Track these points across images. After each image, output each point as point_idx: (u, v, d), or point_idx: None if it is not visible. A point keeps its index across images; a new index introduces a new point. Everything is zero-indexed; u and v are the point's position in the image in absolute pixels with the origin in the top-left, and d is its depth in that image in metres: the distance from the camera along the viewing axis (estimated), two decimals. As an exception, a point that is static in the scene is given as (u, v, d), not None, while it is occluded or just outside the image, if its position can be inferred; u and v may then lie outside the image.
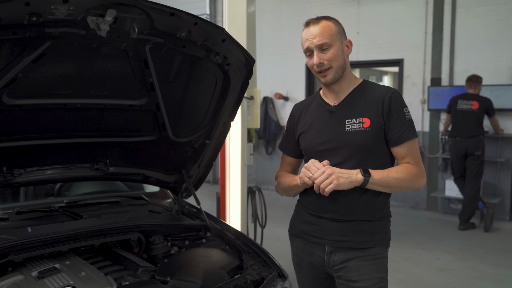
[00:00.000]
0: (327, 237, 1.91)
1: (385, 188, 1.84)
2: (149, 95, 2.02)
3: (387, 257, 1.93)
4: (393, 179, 1.80)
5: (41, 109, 1.90)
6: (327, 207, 1.90)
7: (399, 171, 1.82)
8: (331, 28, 1.83)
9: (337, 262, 1.89)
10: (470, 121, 5.68)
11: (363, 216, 1.87)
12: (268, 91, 8.21)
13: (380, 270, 1.88)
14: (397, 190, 1.87)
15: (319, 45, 1.81)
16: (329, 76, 1.85)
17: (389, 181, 1.80)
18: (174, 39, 1.81)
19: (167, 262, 1.98)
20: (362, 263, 1.86)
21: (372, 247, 1.87)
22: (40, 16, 1.48)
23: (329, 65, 1.83)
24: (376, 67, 10.58)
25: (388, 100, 1.83)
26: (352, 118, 1.86)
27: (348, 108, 1.89)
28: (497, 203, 6.09)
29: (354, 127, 1.84)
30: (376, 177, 1.78)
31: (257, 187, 4.38)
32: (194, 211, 2.61)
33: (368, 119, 1.83)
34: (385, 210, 1.92)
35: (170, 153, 2.38)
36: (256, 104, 3.95)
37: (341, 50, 1.85)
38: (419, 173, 1.85)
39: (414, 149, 1.87)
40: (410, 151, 1.85)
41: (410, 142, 1.84)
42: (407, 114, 1.85)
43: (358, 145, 1.84)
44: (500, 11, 6.19)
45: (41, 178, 2.19)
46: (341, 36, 1.85)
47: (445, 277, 4.32)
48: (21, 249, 1.84)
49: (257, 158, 8.34)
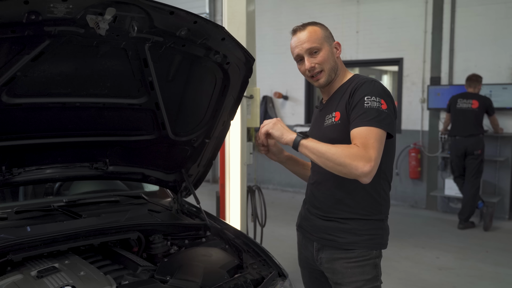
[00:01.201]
0: (315, 234, 1.93)
1: (316, 157, 1.69)
2: (149, 94, 2.02)
3: (376, 258, 1.87)
4: (326, 148, 1.66)
5: (40, 108, 1.89)
6: (314, 204, 1.93)
7: (337, 146, 1.66)
8: (318, 32, 1.84)
9: (324, 260, 1.90)
10: (470, 120, 5.68)
11: (346, 214, 1.84)
12: (267, 90, 8.21)
13: (366, 273, 1.84)
14: (330, 165, 1.66)
15: (308, 49, 1.82)
16: (322, 79, 1.86)
17: (320, 149, 1.67)
18: (173, 38, 1.81)
19: (167, 261, 1.97)
20: (346, 265, 1.85)
21: (356, 249, 1.83)
22: (39, 15, 1.47)
23: (321, 68, 1.84)
24: (375, 66, 10.58)
25: (354, 89, 1.77)
26: (329, 113, 1.87)
27: (329, 104, 1.90)
28: (496, 202, 6.10)
29: (328, 122, 1.85)
30: (310, 142, 1.69)
31: (256, 186, 4.38)
32: (193, 210, 2.60)
33: (338, 112, 1.82)
34: (373, 210, 1.84)
35: (169, 152, 2.37)
36: (256, 103, 3.95)
37: (331, 53, 1.85)
38: (359, 154, 1.61)
39: (364, 134, 1.65)
40: (357, 135, 1.67)
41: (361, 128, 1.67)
42: (366, 102, 1.69)
43: (331, 140, 1.76)
44: (499, 10, 6.19)
45: (40, 177, 2.18)
46: (328, 39, 1.86)
47: (445, 276, 4.32)
48: (20, 248, 1.84)
49: (256, 157, 8.33)
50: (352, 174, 1.62)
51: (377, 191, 1.85)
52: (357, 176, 1.63)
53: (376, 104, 1.69)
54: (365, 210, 1.84)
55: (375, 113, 1.68)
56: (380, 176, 1.83)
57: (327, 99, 1.95)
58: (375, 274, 1.87)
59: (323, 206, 1.89)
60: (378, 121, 1.67)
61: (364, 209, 1.84)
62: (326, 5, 7.53)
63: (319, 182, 1.92)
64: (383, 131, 1.68)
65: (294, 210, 2.16)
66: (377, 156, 1.63)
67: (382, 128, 1.67)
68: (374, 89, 1.74)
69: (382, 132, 1.67)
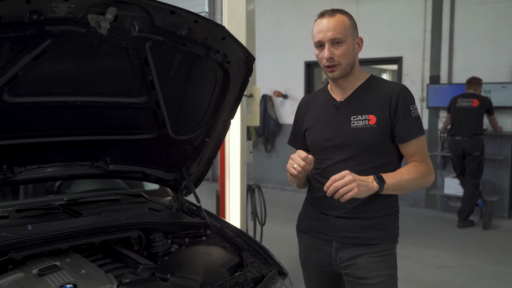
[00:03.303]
0: (334, 233, 1.90)
1: (399, 191, 1.84)
2: (149, 93, 2.02)
3: (395, 253, 1.92)
4: (406, 181, 1.79)
5: (41, 107, 1.89)
6: (333, 205, 1.88)
7: (410, 172, 1.80)
8: (346, 23, 1.78)
9: (345, 258, 1.89)
10: (470, 118, 5.67)
11: (369, 213, 1.85)
12: (267, 89, 8.21)
13: (390, 267, 1.87)
14: (409, 190, 1.86)
15: (332, 39, 1.76)
16: (336, 72, 1.82)
17: (402, 184, 1.79)
18: (174, 37, 1.81)
19: (167, 259, 1.98)
20: (371, 259, 1.85)
21: (380, 244, 1.86)
22: (41, 14, 1.48)
23: (338, 62, 1.79)
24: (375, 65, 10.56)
25: (396, 97, 1.80)
26: (358, 115, 1.83)
27: (354, 104, 1.86)
28: (496, 201, 6.11)
29: (360, 124, 1.82)
30: (390, 182, 1.75)
31: (256, 185, 4.39)
32: (194, 208, 2.61)
33: (374, 116, 1.81)
34: (391, 206, 1.90)
35: (170, 151, 2.38)
36: (256, 102, 3.96)
37: (352, 47, 1.82)
38: (428, 170, 1.84)
39: (422, 146, 1.85)
40: (418, 148, 1.84)
41: (417, 139, 1.82)
42: (413, 112, 1.82)
43: (363, 142, 1.81)
44: (499, 9, 6.19)
45: (41, 176, 2.19)
46: (353, 32, 1.82)
47: (444, 275, 4.33)
48: (22, 246, 1.84)
49: (256, 156, 8.34)
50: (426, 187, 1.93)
51: None
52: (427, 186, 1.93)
53: (417, 112, 1.85)
54: (387, 208, 1.89)
55: (419, 121, 1.85)
56: None
57: (344, 97, 1.90)
58: (396, 269, 1.92)
59: (346, 207, 1.86)
60: (421, 128, 1.85)
61: (386, 207, 1.89)
62: (326, 4, 7.44)
63: None
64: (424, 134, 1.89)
65: (294, 209, 2.16)
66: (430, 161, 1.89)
67: (424, 133, 1.87)
68: (412, 96, 1.86)
69: (424, 136, 1.88)
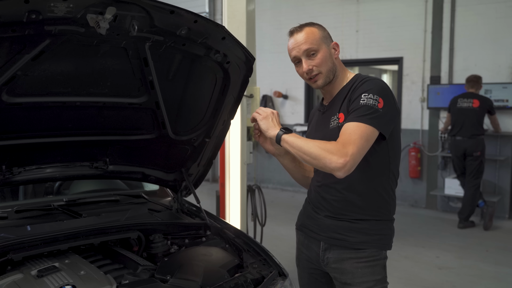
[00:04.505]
0: (322, 233, 1.90)
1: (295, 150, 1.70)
2: (149, 93, 2.02)
3: (385, 259, 1.88)
4: (304, 142, 1.68)
5: (40, 107, 1.89)
6: (323, 204, 1.90)
7: (316, 141, 1.70)
8: (315, 33, 1.80)
9: (331, 260, 1.88)
10: (471, 119, 5.67)
11: (357, 215, 1.83)
12: (267, 89, 8.21)
13: (376, 273, 1.84)
14: (307, 158, 1.68)
15: (305, 51, 1.79)
16: (319, 81, 1.83)
17: (298, 143, 1.69)
18: (174, 37, 1.81)
19: (167, 260, 1.97)
20: (356, 265, 1.83)
21: (367, 249, 1.83)
22: (40, 14, 1.47)
23: (318, 71, 1.80)
24: (375, 65, 10.57)
25: (353, 88, 1.77)
26: (334, 115, 1.83)
27: (333, 106, 1.87)
28: (496, 201, 6.10)
29: (333, 124, 1.81)
30: (292, 136, 1.72)
31: (256, 185, 4.38)
32: (193, 209, 2.60)
33: (342, 114, 1.79)
34: (382, 211, 1.86)
35: (169, 151, 2.37)
36: (256, 102, 3.95)
37: (329, 54, 1.82)
38: (335, 149, 1.61)
39: (349, 130, 1.65)
40: (345, 130, 1.66)
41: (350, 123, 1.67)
42: (363, 99, 1.68)
43: None
44: (499, 9, 6.19)
45: (41, 177, 2.18)
46: (326, 40, 1.83)
47: (445, 275, 4.32)
48: (21, 247, 1.83)
49: (256, 157, 8.33)
50: (326, 167, 1.63)
51: (386, 191, 1.86)
52: (331, 170, 1.62)
53: (372, 102, 1.67)
54: (376, 211, 1.85)
55: (368, 110, 1.66)
56: (389, 176, 1.85)
57: (329, 101, 1.91)
58: (384, 275, 1.88)
59: (333, 207, 1.86)
60: (369, 118, 1.64)
61: (375, 210, 1.84)
62: (326, 4, 7.53)
63: (327, 184, 1.86)
64: (373, 128, 1.65)
65: (294, 209, 2.16)
66: (355, 152, 1.60)
67: (372, 125, 1.64)
68: (374, 87, 1.71)
69: (371, 129, 1.65)
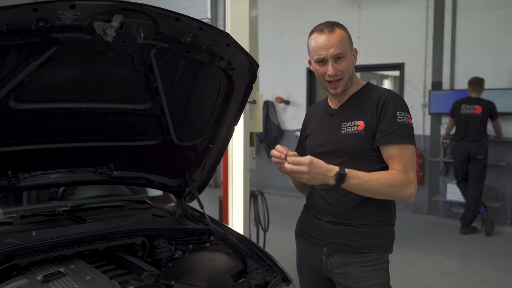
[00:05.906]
0: (325, 239, 1.91)
1: (362, 193, 1.75)
2: (154, 99, 2.03)
3: (387, 262, 1.91)
4: (372, 186, 1.71)
5: (46, 113, 1.90)
6: (326, 210, 1.90)
7: (381, 178, 1.72)
8: (345, 38, 1.80)
9: (335, 265, 1.89)
10: (474, 125, 5.68)
11: (360, 220, 1.84)
12: (269, 95, 8.22)
13: (380, 276, 1.86)
14: (378, 197, 1.77)
15: (335, 55, 1.77)
16: (339, 89, 1.83)
17: (366, 187, 1.71)
18: (179, 44, 1.82)
19: (171, 266, 1.98)
20: (360, 269, 1.84)
21: (370, 253, 1.84)
22: (48, 22, 1.49)
23: (341, 76, 1.81)
24: (377, 71, 10.60)
25: (383, 102, 1.79)
26: (348, 121, 1.85)
27: (346, 111, 1.88)
28: (498, 207, 6.09)
29: (349, 130, 1.83)
30: (352, 182, 1.69)
31: (259, 191, 4.39)
32: (197, 215, 2.61)
33: (362, 122, 1.81)
34: (384, 215, 1.88)
35: (173, 157, 2.38)
36: (259, 108, 3.97)
37: (351, 60, 1.84)
38: (405, 181, 1.73)
39: (405, 155, 1.75)
40: (398, 156, 1.75)
41: (397, 146, 1.75)
42: (399, 118, 1.76)
43: (352, 149, 1.82)
44: (500, 15, 6.21)
45: (46, 182, 2.19)
46: (351, 45, 1.84)
47: (447, 281, 4.31)
48: (26, 253, 1.84)
49: (258, 162, 8.34)
50: (400, 199, 1.79)
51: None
52: (405, 200, 1.78)
53: (406, 120, 1.78)
54: (379, 215, 1.87)
55: (406, 129, 1.77)
56: None
57: (339, 105, 1.92)
58: (388, 279, 1.90)
59: (336, 212, 1.87)
60: (410, 137, 1.78)
61: (378, 215, 1.87)
62: (328, 10, 7.56)
63: (331, 188, 1.84)
64: (413, 145, 1.79)
65: (296, 215, 2.16)
66: (415, 174, 1.77)
67: (412, 143, 1.78)
68: (400, 102, 1.81)
69: (412, 147, 1.79)
